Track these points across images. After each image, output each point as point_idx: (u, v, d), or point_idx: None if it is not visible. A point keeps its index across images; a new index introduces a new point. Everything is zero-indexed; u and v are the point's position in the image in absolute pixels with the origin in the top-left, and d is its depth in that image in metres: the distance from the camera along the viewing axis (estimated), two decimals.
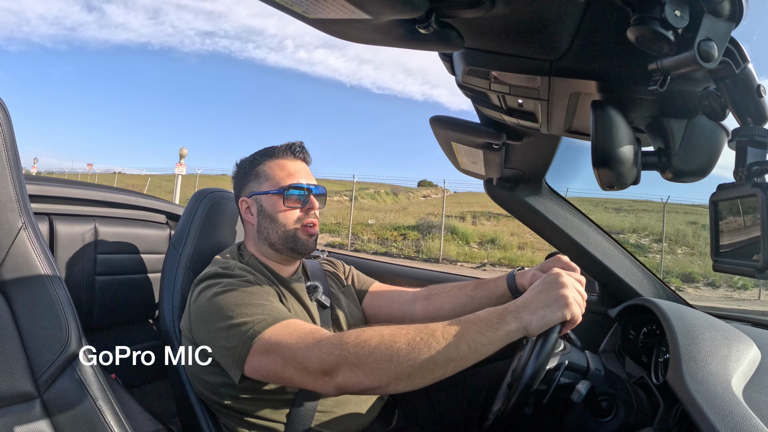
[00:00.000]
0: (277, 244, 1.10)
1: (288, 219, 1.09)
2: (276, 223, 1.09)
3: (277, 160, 1.12)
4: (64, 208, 1.47)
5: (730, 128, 0.57)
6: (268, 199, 1.10)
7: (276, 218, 1.09)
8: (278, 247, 1.10)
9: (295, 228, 1.09)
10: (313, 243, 1.12)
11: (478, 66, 0.68)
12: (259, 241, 1.12)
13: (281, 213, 1.09)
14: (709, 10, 0.45)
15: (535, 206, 1.32)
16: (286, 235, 1.09)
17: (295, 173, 1.11)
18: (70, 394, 0.81)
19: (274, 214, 1.09)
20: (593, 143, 0.60)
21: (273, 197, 1.09)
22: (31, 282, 0.84)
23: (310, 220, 1.10)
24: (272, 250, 1.11)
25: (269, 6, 0.49)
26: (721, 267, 0.55)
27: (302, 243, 1.10)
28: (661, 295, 1.36)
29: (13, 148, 0.82)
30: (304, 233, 1.10)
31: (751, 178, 0.51)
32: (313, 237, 1.12)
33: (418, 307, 1.20)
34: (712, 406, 0.65)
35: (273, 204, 1.09)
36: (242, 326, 0.87)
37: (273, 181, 1.10)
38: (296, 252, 1.10)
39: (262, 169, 1.12)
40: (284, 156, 1.13)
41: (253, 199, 1.12)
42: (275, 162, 1.12)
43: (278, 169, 1.11)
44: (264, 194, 1.10)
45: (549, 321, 0.75)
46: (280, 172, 1.10)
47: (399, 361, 0.74)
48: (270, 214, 1.09)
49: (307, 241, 1.10)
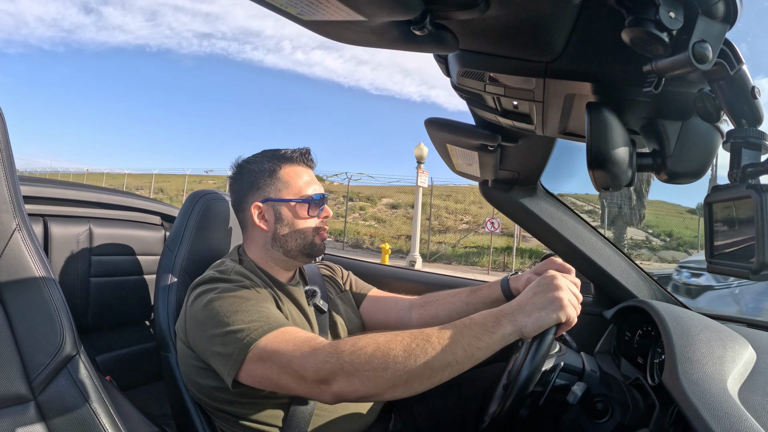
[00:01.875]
0: (293, 251, 1.09)
1: (309, 227, 1.09)
2: (296, 231, 1.08)
3: (294, 166, 1.11)
4: (59, 209, 1.46)
5: (724, 130, 0.57)
6: (290, 207, 1.08)
7: (297, 226, 1.08)
8: (293, 253, 1.09)
9: (313, 236, 1.10)
10: (324, 246, 1.14)
11: (473, 68, 0.68)
12: (273, 248, 1.09)
13: (302, 221, 1.08)
14: (703, 12, 0.45)
15: (530, 208, 1.32)
16: (305, 242, 1.09)
17: (311, 181, 1.12)
18: (65, 396, 0.81)
19: (296, 221, 1.08)
20: (588, 145, 0.60)
21: (296, 206, 1.08)
22: (25, 284, 0.83)
23: (324, 227, 1.13)
24: (286, 256, 1.09)
25: (265, 8, 0.48)
26: (715, 268, 0.55)
27: (317, 248, 1.11)
28: (656, 297, 1.36)
29: (8, 150, 0.82)
30: (319, 239, 1.11)
31: (746, 179, 0.51)
32: (324, 241, 1.13)
33: (414, 314, 1.20)
34: (708, 407, 0.66)
35: (295, 212, 1.08)
36: (238, 333, 0.86)
37: (293, 188, 1.08)
38: (310, 256, 1.11)
39: (281, 175, 1.09)
40: (300, 163, 1.12)
41: (269, 205, 1.08)
42: (293, 169, 1.10)
43: (297, 177, 1.10)
44: (284, 201, 1.08)
45: (544, 323, 0.75)
46: (299, 180, 1.09)
47: (395, 368, 0.74)
48: (290, 222, 1.08)
49: (320, 246, 1.12)
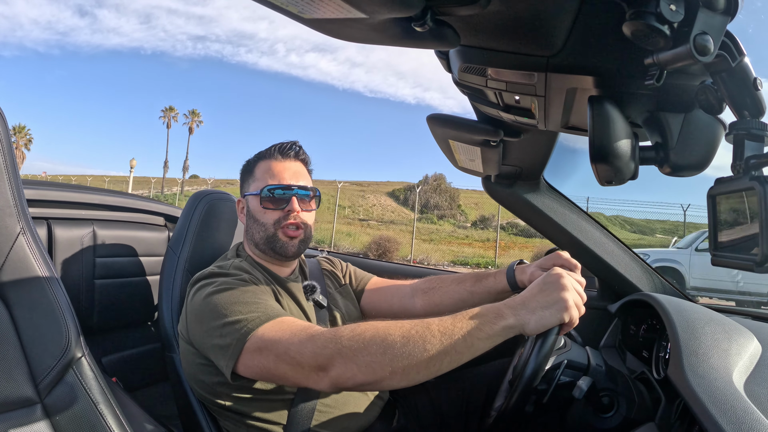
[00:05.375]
0: (260, 245, 1.09)
1: (267, 220, 1.08)
2: (257, 224, 1.09)
3: (266, 160, 1.12)
4: (62, 212, 1.47)
5: (727, 122, 0.57)
6: (253, 200, 1.11)
7: (257, 219, 1.09)
8: (261, 247, 1.10)
9: (274, 230, 1.08)
10: (296, 246, 1.09)
11: (475, 63, 0.68)
12: (248, 241, 1.13)
13: (260, 214, 1.09)
14: (704, 4, 0.45)
15: (533, 202, 1.32)
16: (267, 236, 1.08)
17: (278, 174, 1.09)
18: (71, 398, 0.81)
19: (256, 215, 1.10)
20: (590, 139, 0.60)
21: (256, 198, 1.09)
22: (30, 287, 0.83)
23: (289, 222, 1.08)
24: (258, 249, 1.11)
25: (264, 7, 0.48)
26: (719, 261, 0.55)
27: (282, 245, 1.08)
28: (660, 290, 1.36)
29: (11, 153, 0.82)
30: (284, 235, 1.08)
31: (749, 171, 0.51)
32: (294, 239, 1.09)
33: (417, 301, 1.20)
34: (714, 401, 0.65)
35: (255, 205, 1.10)
36: (236, 324, 0.87)
37: (259, 182, 1.10)
38: (277, 253, 1.08)
39: (254, 170, 1.13)
40: (272, 156, 1.12)
41: (246, 200, 1.14)
42: (264, 162, 1.12)
43: (265, 170, 1.11)
44: (250, 195, 1.11)
45: (547, 323, 0.75)
46: (265, 173, 1.10)
47: (393, 354, 0.74)
48: (253, 214, 1.10)
49: (286, 243, 1.08)
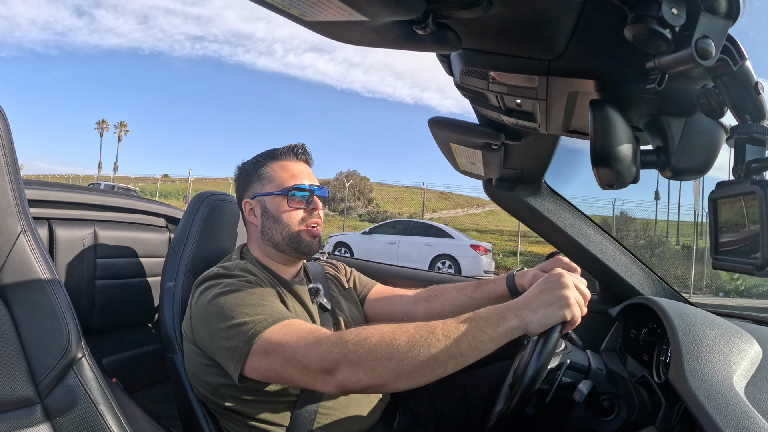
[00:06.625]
0: (281, 245, 1.10)
1: (292, 219, 1.09)
2: (280, 224, 1.09)
3: (279, 161, 1.13)
4: (64, 212, 1.46)
5: (728, 126, 0.57)
6: (272, 200, 1.10)
7: (280, 219, 1.09)
8: (282, 247, 1.10)
9: (299, 229, 1.09)
10: (317, 244, 1.13)
11: (476, 66, 0.68)
12: (263, 242, 1.12)
13: (285, 213, 1.09)
14: (705, 8, 0.45)
15: (534, 206, 1.32)
16: (291, 236, 1.09)
17: (298, 174, 1.12)
18: (71, 398, 0.81)
19: (278, 214, 1.10)
20: (592, 142, 0.60)
21: (277, 198, 1.10)
22: (30, 287, 0.83)
23: (313, 220, 1.11)
24: (276, 251, 1.11)
25: (265, 9, 0.49)
26: (720, 265, 0.55)
27: (306, 244, 1.10)
28: (661, 294, 1.36)
29: (12, 153, 0.82)
30: (307, 234, 1.10)
31: (750, 175, 0.51)
32: (316, 238, 1.12)
33: (419, 308, 1.21)
34: (715, 404, 0.65)
35: (277, 205, 1.10)
36: (243, 326, 0.87)
37: (276, 182, 1.11)
38: (300, 252, 1.10)
39: (265, 171, 1.13)
40: (286, 157, 1.14)
41: (257, 200, 1.13)
42: (278, 163, 1.13)
43: (281, 171, 1.12)
44: (268, 195, 1.11)
45: (549, 321, 0.75)
46: (283, 174, 1.11)
47: (399, 359, 0.74)
48: (274, 215, 1.10)
49: (311, 242, 1.11)
